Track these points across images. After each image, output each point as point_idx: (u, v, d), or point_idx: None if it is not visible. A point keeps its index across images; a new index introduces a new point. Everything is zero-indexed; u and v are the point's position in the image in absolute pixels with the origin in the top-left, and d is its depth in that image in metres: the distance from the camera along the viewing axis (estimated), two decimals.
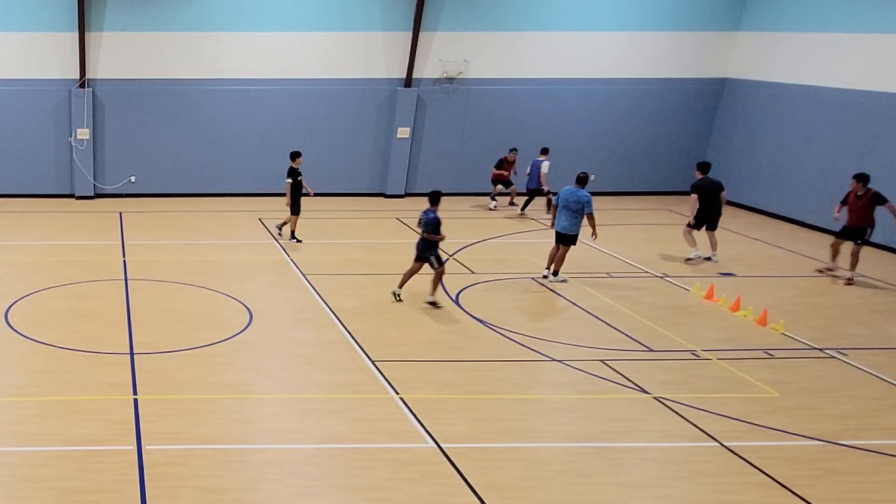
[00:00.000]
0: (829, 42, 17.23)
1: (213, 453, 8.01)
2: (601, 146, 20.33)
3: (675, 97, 20.15)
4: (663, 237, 16.72)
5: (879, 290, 13.43)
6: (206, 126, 19.64)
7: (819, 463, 7.99)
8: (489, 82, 19.76)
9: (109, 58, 18.96)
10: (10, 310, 12.01)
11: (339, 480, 7.62)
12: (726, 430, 8.61)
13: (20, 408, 8.96)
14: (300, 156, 15.63)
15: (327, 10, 19.02)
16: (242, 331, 11.31)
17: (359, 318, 11.77)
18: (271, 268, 14.31)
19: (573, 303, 12.63)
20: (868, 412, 9.07)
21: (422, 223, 12.18)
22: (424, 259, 12.28)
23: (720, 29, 19.66)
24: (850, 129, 16.78)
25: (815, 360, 10.47)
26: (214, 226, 17.41)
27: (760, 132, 19.06)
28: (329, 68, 19.43)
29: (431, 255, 12.20)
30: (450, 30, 19.31)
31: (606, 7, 19.35)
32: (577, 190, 13.17)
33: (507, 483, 7.58)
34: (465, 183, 20.06)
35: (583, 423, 8.81)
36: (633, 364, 10.29)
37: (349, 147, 19.98)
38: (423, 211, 12.21)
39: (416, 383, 9.65)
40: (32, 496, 7.30)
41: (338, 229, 16.47)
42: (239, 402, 9.15)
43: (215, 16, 18.80)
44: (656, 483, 7.68)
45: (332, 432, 8.48)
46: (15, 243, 15.67)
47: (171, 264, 14.36)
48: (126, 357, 10.33)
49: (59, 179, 19.81)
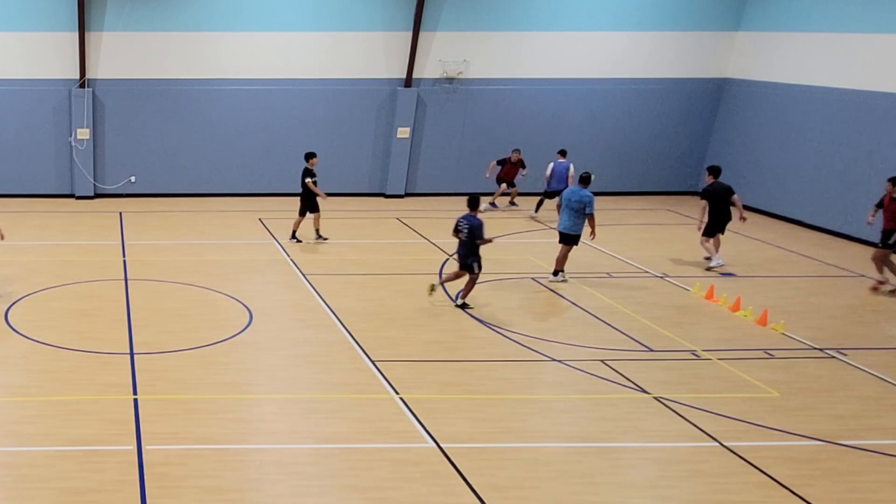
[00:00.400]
0: (829, 42, 17.24)
1: (212, 453, 8.01)
2: (601, 146, 20.34)
3: (675, 97, 20.16)
4: (663, 237, 16.73)
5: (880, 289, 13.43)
6: (206, 126, 19.64)
7: (819, 463, 7.99)
8: (489, 82, 19.77)
9: (109, 58, 18.97)
10: (10, 310, 12.02)
11: (339, 480, 7.63)
12: (726, 430, 8.61)
13: (20, 408, 8.96)
14: (315, 156, 15.59)
15: (327, 10, 19.02)
16: (242, 331, 11.31)
17: (359, 318, 11.77)
18: (271, 268, 14.31)
19: (573, 303, 12.63)
20: (868, 412, 9.07)
21: (464, 230, 11.86)
22: (468, 266, 11.99)
23: (720, 29, 19.67)
24: (850, 130, 16.78)
25: (815, 360, 10.47)
26: (214, 226, 17.41)
27: (760, 132, 19.07)
28: (329, 68, 19.43)
29: (474, 262, 11.94)
30: (450, 30, 19.32)
31: (606, 7, 19.36)
32: (580, 189, 13.17)
33: (507, 483, 7.57)
34: (466, 183, 20.03)
35: (583, 423, 8.81)
36: (633, 364, 10.29)
37: (349, 147, 19.98)
38: (464, 217, 11.96)
39: (415, 383, 9.65)
40: (32, 496, 7.30)
41: (338, 229, 16.47)
42: (239, 402, 9.15)
43: (215, 16, 18.81)
44: (656, 483, 7.68)
45: (332, 432, 8.47)
46: (15, 243, 15.66)
47: (171, 264, 14.36)
48: (126, 357, 10.34)
49: (59, 179, 19.82)
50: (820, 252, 15.58)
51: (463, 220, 11.98)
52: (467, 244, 11.94)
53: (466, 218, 11.94)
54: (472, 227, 11.82)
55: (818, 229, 17.34)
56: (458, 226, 12.06)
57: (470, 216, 11.91)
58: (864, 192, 16.35)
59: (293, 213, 16.00)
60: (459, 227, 12.03)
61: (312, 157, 15.53)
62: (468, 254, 11.96)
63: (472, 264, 11.97)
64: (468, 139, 20.18)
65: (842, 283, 13.78)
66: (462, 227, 11.97)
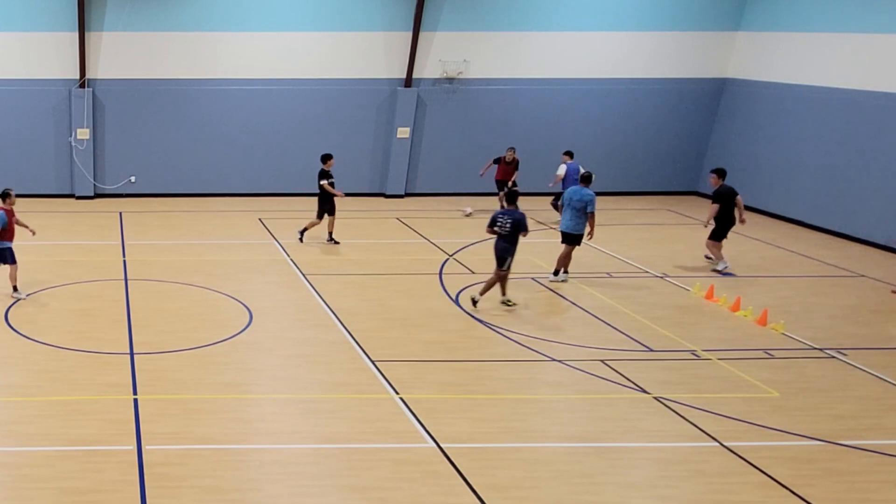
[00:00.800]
0: (829, 42, 17.23)
1: (212, 453, 8.01)
2: (601, 146, 20.33)
3: (675, 97, 20.15)
4: (663, 237, 16.73)
5: (879, 289, 13.43)
6: (207, 126, 19.64)
7: (819, 463, 7.99)
8: (489, 82, 19.77)
9: (109, 58, 18.97)
10: (10, 310, 12.02)
11: (339, 480, 7.63)
12: (726, 430, 8.61)
13: (20, 408, 8.96)
14: (331, 158, 15.36)
15: (327, 10, 19.02)
16: (242, 331, 11.31)
17: (359, 318, 11.77)
18: (271, 268, 14.31)
19: (573, 303, 12.63)
20: (868, 412, 9.07)
21: (507, 224, 11.78)
22: (504, 259, 11.89)
23: (720, 29, 19.67)
24: (850, 130, 16.77)
25: (815, 360, 10.47)
26: (214, 226, 17.41)
27: (760, 132, 19.06)
28: (329, 68, 19.43)
29: (510, 256, 11.91)
30: (450, 30, 19.32)
31: (606, 7, 19.35)
32: (582, 189, 13.17)
33: (507, 483, 7.58)
34: (465, 183, 20.04)
35: (583, 423, 8.81)
36: (633, 364, 10.29)
37: (349, 147, 19.97)
38: (504, 212, 11.93)
39: (416, 383, 9.65)
40: (32, 496, 7.30)
41: (338, 229, 16.44)
42: (239, 402, 9.15)
43: (215, 16, 18.81)
44: (656, 483, 7.68)
45: (332, 432, 8.47)
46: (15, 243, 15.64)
47: (171, 264, 14.36)
48: (126, 357, 10.34)
49: (59, 179, 19.81)
50: (820, 252, 15.58)
51: (503, 216, 11.92)
52: (509, 237, 11.87)
53: (507, 213, 11.92)
54: (517, 220, 11.78)
55: (818, 229, 17.33)
56: (497, 221, 11.94)
57: (511, 210, 11.90)
58: (865, 192, 16.35)
59: (293, 213, 16.03)
60: (499, 222, 11.91)
61: (329, 159, 15.32)
62: (508, 247, 11.89)
63: (509, 258, 11.90)
64: (468, 139, 20.18)
65: (842, 283, 13.78)
66: (503, 221, 11.85)
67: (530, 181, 19.02)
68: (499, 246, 12.00)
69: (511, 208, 11.98)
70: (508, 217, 11.87)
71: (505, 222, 11.88)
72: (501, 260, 12.00)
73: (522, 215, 11.90)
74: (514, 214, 11.87)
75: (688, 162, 20.75)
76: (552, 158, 18.19)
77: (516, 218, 11.83)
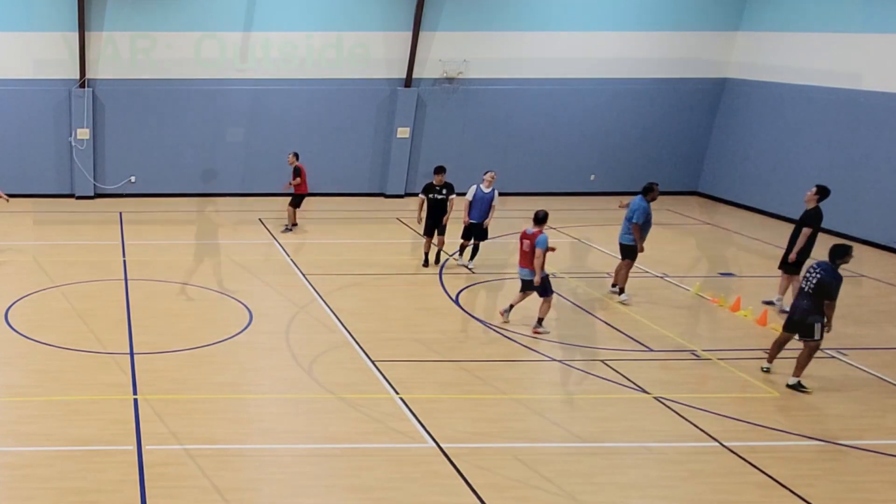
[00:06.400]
0: (829, 42, 17.23)
1: (212, 453, 8.01)
2: (601, 146, 20.33)
3: (675, 97, 20.15)
4: (663, 237, 16.71)
5: (879, 289, 13.42)
6: (207, 126, 19.63)
7: (819, 463, 7.99)
8: (489, 82, 19.76)
9: (109, 58, 18.95)
10: (10, 310, 12.01)
11: (339, 480, 7.63)
12: (726, 430, 8.61)
13: (20, 408, 8.96)
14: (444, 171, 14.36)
15: (327, 10, 19.01)
16: (242, 331, 11.31)
17: (359, 318, 11.76)
18: (271, 268, 14.30)
19: (573, 303, 12.63)
20: (868, 412, 9.07)
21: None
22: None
23: (720, 29, 19.66)
24: (850, 129, 16.77)
25: (815, 360, 10.44)
26: (214, 226, 17.39)
27: (760, 132, 19.06)
28: (329, 68, 19.42)
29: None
30: (450, 30, 19.31)
31: (606, 7, 19.35)
32: (639, 199, 12.59)
33: (507, 483, 7.58)
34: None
35: (583, 423, 8.81)
36: (633, 364, 10.28)
37: (349, 147, 19.97)
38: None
39: (416, 383, 9.65)
40: (32, 496, 7.30)
41: (338, 229, 16.46)
42: (239, 402, 9.15)
43: (215, 16, 18.79)
44: (656, 483, 7.68)
45: (332, 432, 8.47)
46: (15, 243, 15.67)
47: (171, 264, 14.35)
48: (126, 357, 10.33)
49: (59, 179, 19.80)
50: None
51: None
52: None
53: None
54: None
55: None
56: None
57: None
58: (865, 192, 16.34)
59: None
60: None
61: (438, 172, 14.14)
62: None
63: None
64: (468, 139, 20.17)
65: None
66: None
67: (531, 181, 19.04)
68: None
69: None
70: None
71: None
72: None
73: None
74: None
75: (688, 162, 20.74)
76: (552, 158, 18.19)
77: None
